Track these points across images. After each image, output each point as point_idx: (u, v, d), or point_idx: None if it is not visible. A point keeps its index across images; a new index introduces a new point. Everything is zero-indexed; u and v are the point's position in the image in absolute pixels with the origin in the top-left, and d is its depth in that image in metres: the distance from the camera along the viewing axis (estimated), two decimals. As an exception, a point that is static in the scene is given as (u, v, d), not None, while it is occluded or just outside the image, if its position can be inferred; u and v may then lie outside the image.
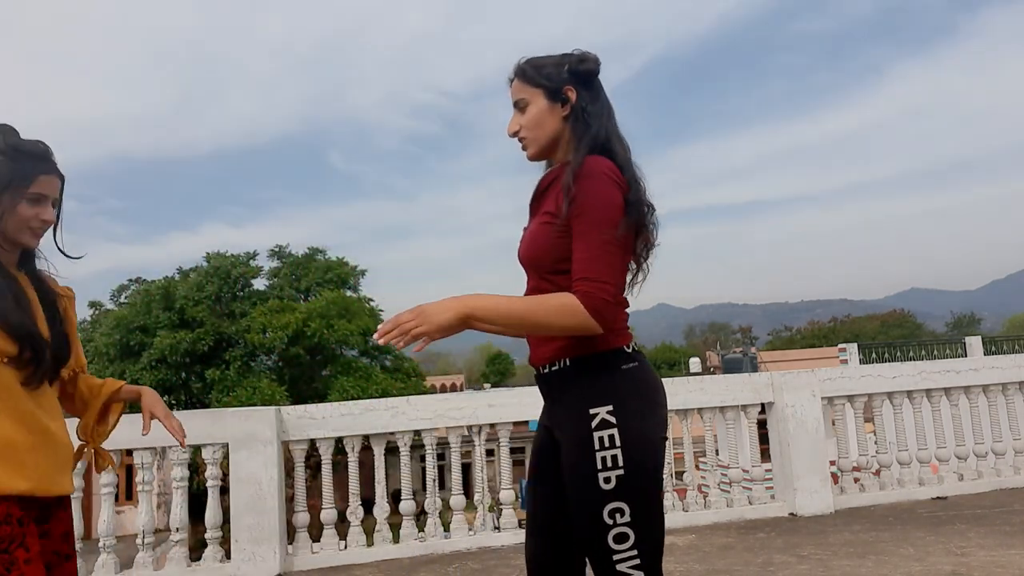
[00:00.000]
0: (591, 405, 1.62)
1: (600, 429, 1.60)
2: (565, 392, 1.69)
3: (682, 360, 48.78)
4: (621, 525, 1.58)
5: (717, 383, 5.17)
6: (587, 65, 1.75)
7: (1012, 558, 3.53)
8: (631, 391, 1.65)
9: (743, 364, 27.44)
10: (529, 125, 1.76)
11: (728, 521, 4.83)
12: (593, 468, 1.59)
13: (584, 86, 1.74)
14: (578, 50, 1.78)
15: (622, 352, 1.68)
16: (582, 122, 1.72)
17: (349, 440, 4.51)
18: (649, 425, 1.64)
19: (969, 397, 5.47)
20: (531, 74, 1.75)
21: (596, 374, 1.65)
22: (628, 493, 1.59)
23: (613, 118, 1.76)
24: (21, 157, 1.71)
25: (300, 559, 4.34)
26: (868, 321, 66.81)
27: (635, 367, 1.68)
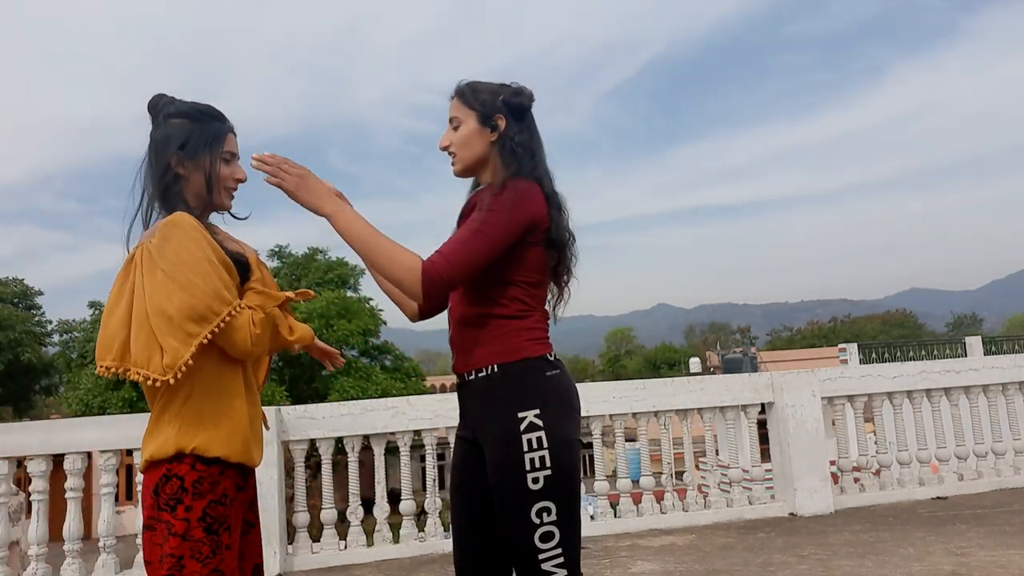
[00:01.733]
0: (519, 409, 1.69)
1: (528, 432, 1.67)
2: (492, 397, 1.74)
3: (682, 360, 48.77)
4: (547, 524, 1.64)
5: (717, 383, 5.17)
6: (520, 99, 1.84)
7: (1012, 558, 3.53)
8: (554, 396, 1.73)
9: (743, 364, 27.44)
10: (458, 143, 1.84)
11: (728, 521, 4.83)
12: (522, 469, 1.65)
13: (515, 117, 1.83)
14: (516, 83, 1.87)
15: (545, 360, 1.76)
16: (508, 150, 1.81)
17: (349, 440, 4.51)
18: (570, 427, 1.73)
19: (969, 397, 5.47)
20: (468, 96, 1.84)
21: (523, 380, 1.72)
22: (555, 493, 1.66)
23: (541, 152, 1.86)
24: (206, 118, 1.72)
25: (300, 559, 4.34)
26: (868, 321, 66.82)
27: (557, 374, 1.76)
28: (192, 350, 1.52)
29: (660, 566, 3.84)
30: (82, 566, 4.10)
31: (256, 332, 1.58)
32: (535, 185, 1.77)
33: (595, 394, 4.89)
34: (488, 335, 1.76)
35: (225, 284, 1.57)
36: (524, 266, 1.75)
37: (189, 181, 1.70)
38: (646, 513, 4.84)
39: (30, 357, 27.62)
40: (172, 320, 1.52)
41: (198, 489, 1.53)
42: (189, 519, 1.51)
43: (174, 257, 1.55)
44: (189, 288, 1.53)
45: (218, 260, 1.60)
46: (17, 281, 30.79)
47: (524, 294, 1.76)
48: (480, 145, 1.83)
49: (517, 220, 1.70)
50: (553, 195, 1.81)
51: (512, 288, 1.76)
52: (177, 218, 1.60)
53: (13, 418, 28.09)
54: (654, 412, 4.96)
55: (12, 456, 4.13)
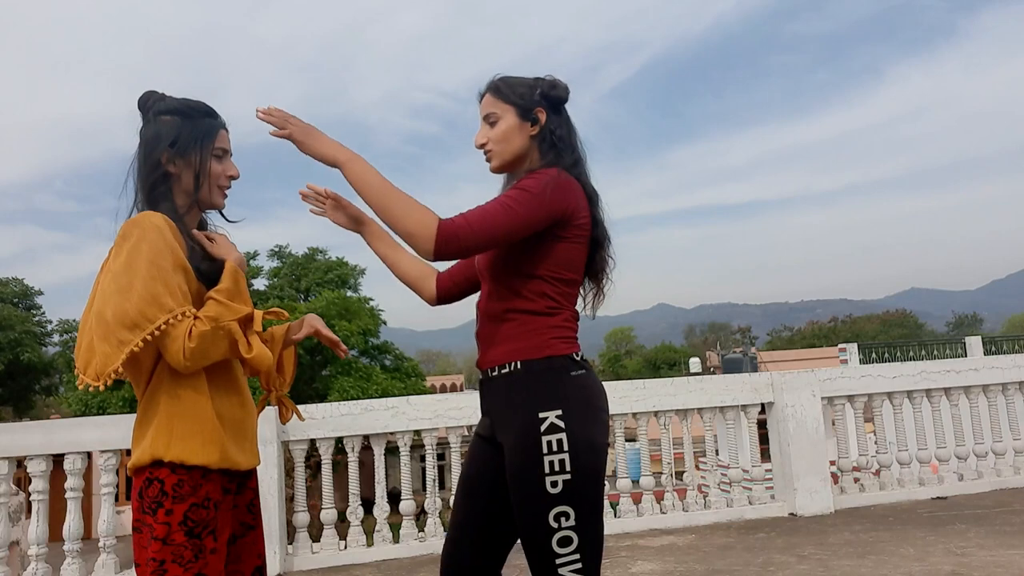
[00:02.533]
0: (540, 409, 1.65)
1: (549, 433, 1.63)
2: (514, 395, 1.70)
3: (682, 360, 48.78)
4: (566, 529, 1.61)
5: (717, 383, 5.17)
6: (558, 91, 1.81)
7: (1012, 558, 3.53)
8: (579, 397, 1.68)
9: (743, 364, 27.43)
10: (497, 139, 1.80)
11: (728, 521, 4.83)
12: (540, 471, 1.62)
13: (554, 111, 1.81)
14: (551, 76, 1.83)
15: (571, 359, 1.71)
16: (548, 143, 1.78)
17: (349, 440, 4.51)
18: (595, 431, 1.68)
19: (969, 397, 5.47)
20: (504, 91, 1.80)
21: (546, 379, 1.68)
22: (574, 497, 1.61)
23: (581, 147, 1.84)
24: (197, 114, 1.68)
25: (300, 559, 4.34)
26: (868, 321, 66.83)
27: (583, 374, 1.72)
28: (123, 357, 1.47)
29: (660, 566, 3.84)
30: (82, 566, 4.10)
31: (191, 346, 1.48)
32: (574, 180, 1.74)
33: (595, 394, 4.88)
34: (513, 331, 1.72)
35: (169, 290, 1.49)
36: (555, 261, 1.71)
37: (179, 179, 1.66)
38: (646, 513, 4.84)
39: (30, 357, 27.63)
40: (107, 325, 1.48)
41: (178, 493, 1.50)
42: (170, 523, 1.49)
43: (124, 258, 1.50)
44: (126, 292, 1.47)
45: (175, 264, 1.53)
46: (17, 281, 30.81)
47: (554, 291, 1.72)
48: (520, 140, 1.79)
49: (550, 206, 1.66)
50: (594, 193, 1.78)
51: (541, 283, 1.71)
52: (140, 218, 1.55)
53: (13, 418, 28.10)
54: (654, 412, 4.96)
55: (12, 456, 4.13)
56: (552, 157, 1.76)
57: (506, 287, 1.73)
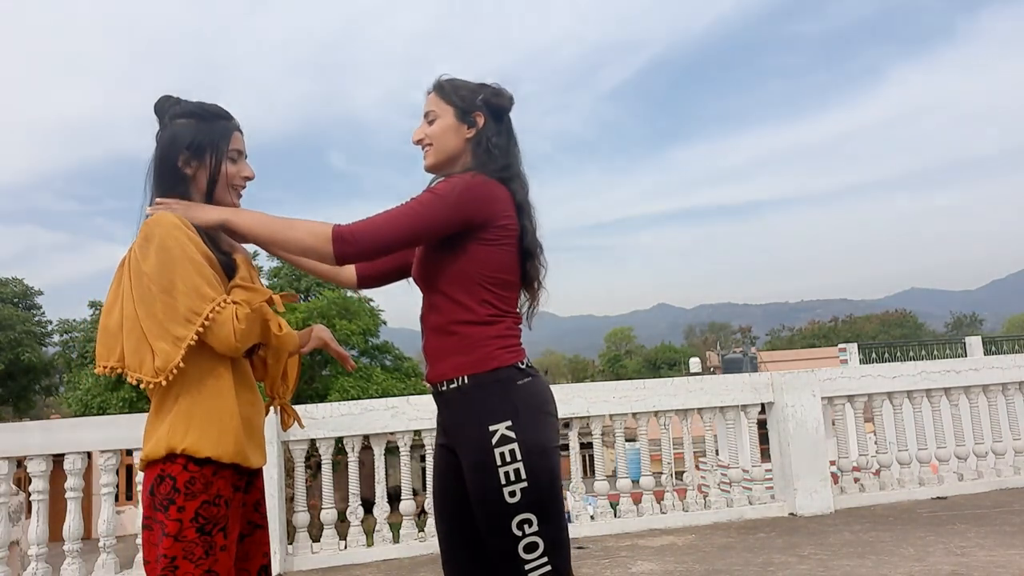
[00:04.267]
0: (490, 422, 1.68)
1: (500, 445, 1.66)
2: (465, 410, 1.73)
3: (682, 360, 48.80)
4: (530, 535, 1.64)
5: (717, 383, 5.17)
6: (500, 100, 1.83)
7: (1012, 558, 3.53)
8: (526, 404, 1.71)
9: (743, 364, 27.43)
10: (434, 136, 1.83)
11: (728, 521, 4.83)
12: (497, 483, 1.65)
13: (494, 117, 1.83)
14: (497, 84, 1.86)
15: (517, 369, 1.73)
16: (483, 148, 1.80)
17: (349, 440, 4.51)
18: (544, 435, 1.71)
19: (969, 397, 5.47)
20: (447, 91, 1.83)
21: (493, 391, 1.70)
22: (533, 504, 1.65)
23: (518, 156, 1.85)
24: (212, 117, 1.71)
25: (300, 559, 4.34)
26: (868, 321, 66.84)
27: (529, 382, 1.74)
28: (182, 352, 1.52)
29: (660, 566, 3.84)
30: (82, 566, 4.10)
31: (241, 327, 1.55)
32: (497, 186, 1.75)
33: (595, 394, 4.89)
34: (458, 345, 1.73)
35: (207, 280, 1.56)
36: (487, 266, 1.72)
37: (195, 180, 1.69)
38: (646, 513, 4.84)
39: (30, 357, 27.64)
40: (160, 323, 1.53)
41: (190, 490, 1.52)
42: (182, 519, 1.50)
43: (155, 258, 1.55)
44: (170, 290, 1.53)
45: (201, 256, 1.58)
46: (17, 281, 30.80)
47: (493, 297, 1.73)
48: (456, 140, 1.81)
49: (460, 210, 1.68)
50: (525, 203, 1.79)
51: (479, 290, 1.72)
52: (159, 217, 1.59)
53: (13, 418, 28.09)
54: (654, 412, 4.96)
55: (12, 456, 4.13)
56: (482, 161, 1.78)
57: (444, 297, 1.75)
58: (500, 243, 1.73)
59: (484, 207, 1.70)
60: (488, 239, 1.72)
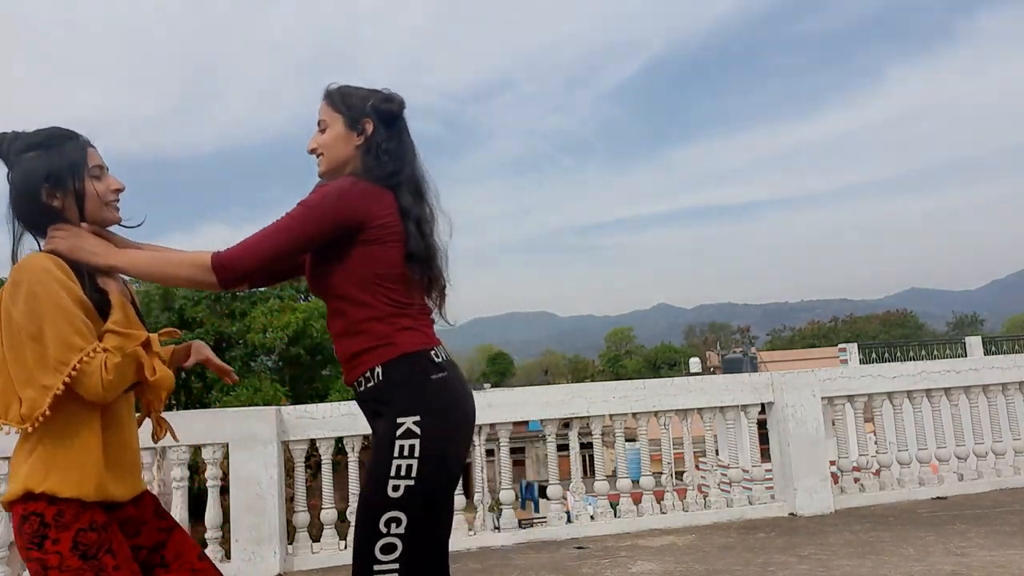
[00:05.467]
0: (400, 414, 1.67)
1: (403, 438, 1.64)
2: (379, 405, 1.72)
3: (682, 360, 48.81)
4: (393, 536, 1.60)
5: (717, 383, 5.17)
6: (389, 105, 1.83)
7: (1012, 558, 3.53)
8: (439, 404, 1.69)
9: (743, 364, 27.43)
10: (324, 145, 1.84)
11: (728, 521, 4.83)
12: (386, 473, 1.63)
13: (384, 124, 1.82)
14: (387, 90, 1.86)
15: (429, 360, 1.72)
16: (373, 155, 1.79)
17: (349, 440, 4.51)
18: (450, 443, 1.69)
19: (969, 397, 5.47)
20: (336, 100, 1.84)
21: (407, 384, 1.69)
22: (410, 505, 1.62)
23: (410, 161, 1.84)
24: (59, 141, 1.67)
25: (300, 559, 4.34)
26: (868, 321, 66.87)
27: (444, 378, 1.72)
28: (49, 400, 1.49)
29: (660, 566, 3.84)
30: (82, 566, 4.10)
31: (109, 378, 1.52)
32: (375, 189, 1.74)
33: (595, 394, 4.89)
34: (365, 341, 1.73)
35: (76, 329, 1.52)
36: (380, 263, 1.72)
37: (65, 210, 1.65)
38: (646, 513, 4.84)
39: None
40: (28, 370, 1.50)
41: (60, 521, 1.50)
42: (61, 551, 1.47)
43: (23, 305, 1.52)
44: (39, 338, 1.50)
45: (73, 300, 1.54)
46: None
47: (391, 292, 1.73)
48: (346, 148, 1.82)
49: (334, 216, 1.68)
50: (413, 208, 1.77)
51: (376, 288, 1.72)
52: (26, 261, 1.57)
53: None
54: (654, 412, 4.96)
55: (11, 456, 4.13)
56: (370, 167, 1.78)
57: (343, 300, 1.75)
58: (384, 241, 1.72)
59: (357, 210, 1.70)
60: (370, 239, 1.71)
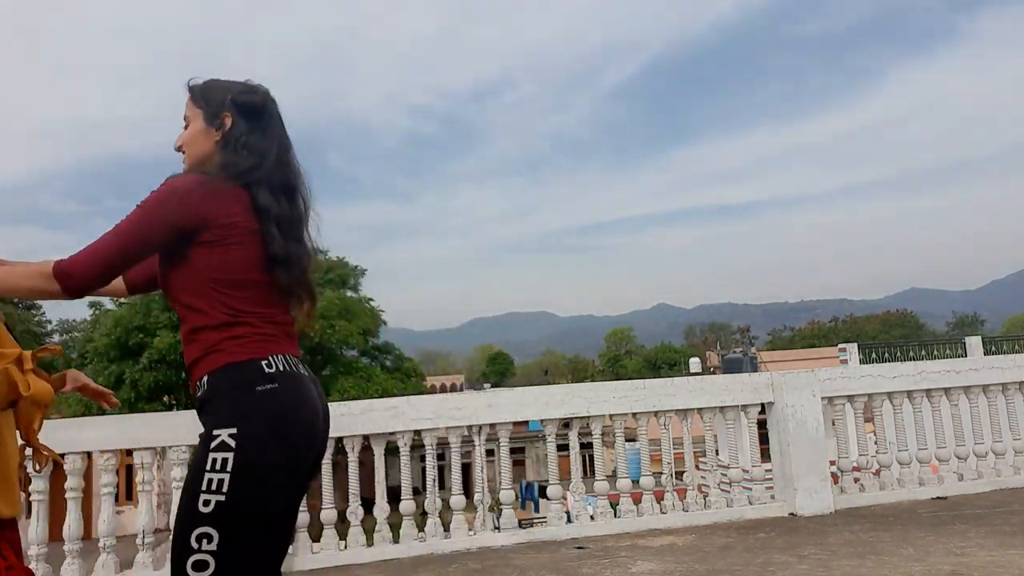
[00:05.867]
0: (216, 426, 1.60)
1: (217, 451, 1.58)
2: (202, 415, 1.67)
3: (682, 360, 48.79)
4: (204, 552, 1.54)
5: (717, 383, 5.17)
6: (250, 97, 1.79)
7: (1012, 558, 3.53)
8: (260, 417, 1.61)
9: (743, 364, 27.43)
10: (186, 141, 1.80)
11: (728, 521, 4.83)
12: (198, 488, 1.57)
13: (245, 117, 1.77)
14: (250, 82, 1.82)
15: (257, 370, 1.64)
16: (231, 150, 1.75)
17: (349, 440, 4.51)
18: (271, 457, 1.61)
19: (969, 397, 5.47)
20: (197, 95, 1.80)
21: (228, 395, 1.63)
22: (222, 522, 1.56)
23: (276, 156, 1.78)
24: None
25: (300, 559, 4.34)
26: (868, 321, 66.86)
27: (273, 389, 1.64)
28: None
29: (660, 566, 3.84)
30: (82, 566, 4.10)
31: None
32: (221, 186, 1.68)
33: (595, 394, 4.89)
34: (198, 350, 1.67)
35: None
36: (219, 268, 1.66)
37: None
38: (646, 513, 4.84)
39: (30, 357, 27.66)
40: None
41: None
42: None
43: None
44: None
45: None
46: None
47: (229, 299, 1.66)
48: (206, 144, 1.78)
49: (172, 217, 1.63)
50: (272, 206, 1.71)
51: (212, 293, 1.66)
52: None
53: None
54: (654, 412, 4.96)
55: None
56: (228, 163, 1.73)
57: (182, 306, 1.70)
58: (227, 243, 1.66)
59: (195, 211, 1.64)
60: (210, 240, 1.65)
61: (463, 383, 44.21)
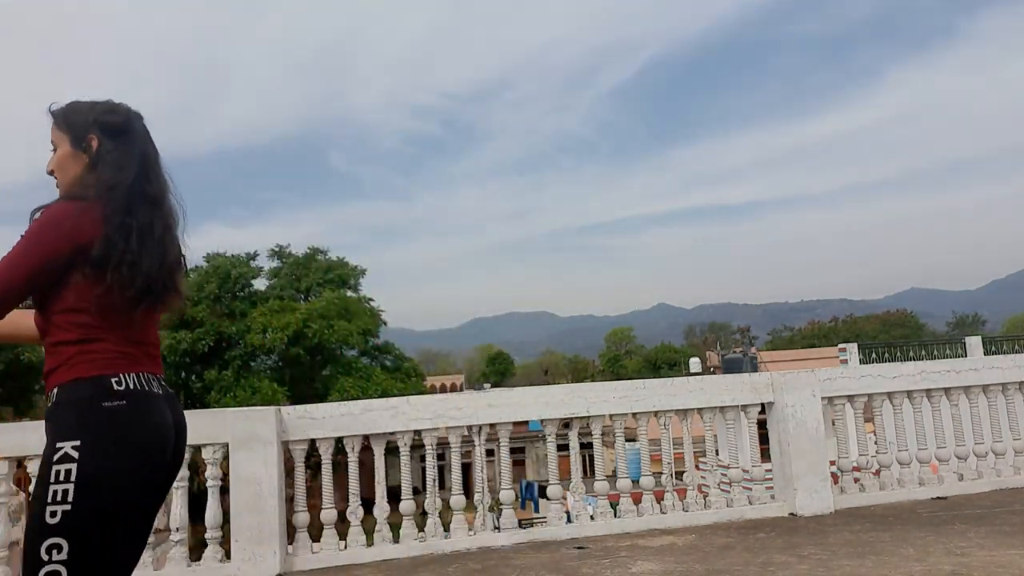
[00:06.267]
0: (59, 439, 1.62)
1: (60, 463, 1.60)
2: (48, 426, 1.68)
3: (682, 360, 48.78)
4: (56, 563, 1.56)
5: (717, 383, 5.17)
6: (112, 116, 1.79)
7: (1012, 558, 3.53)
8: (104, 429, 1.64)
9: (743, 364, 27.44)
10: (56, 167, 1.81)
11: (728, 521, 4.83)
12: (44, 499, 1.58)
13: (110, 136, 1.78)
14: (111, 101, 1.82)
15: (106, 386, 1.66)
16: (97, 171, 1.75)
17: (349, 440, 4.51)
18: (116, 467, 1.62)
19: (969, 397, 5.47)
20: (60, 120, 1.80)
21: (73, 409, 1.65)
22: (70, 531, 1.57)
23: (137, 170, 1.78)
24: None
25: (300, 559, 4.34)
26: (868, 321, 66.86)
27: (120, 406, 1.66)
28: None
29: (660, 566, 3.84)
30: (82, 566, 4.10)
31: None
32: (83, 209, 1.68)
33: (595, 394, 4.89)
34: (51, 361, 1.70)
35: None
36: (78, 291, 1.68)
37: None
38: (646, 513, 4.84)
39: (30, 357, 27.62)
40: None
41: None
42: None
43: None
44: None
45: None
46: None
47: (90, 319, 1.68)
48: (75, 167, 1.78)
49: (42, 248, 1.64)
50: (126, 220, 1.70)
51: (76, 315, 1.69)
52: None
53: (13, 418, 28.07)
54: (654, 412, 4.96)
55: (12, 456, 4.13)
56: (90, 183, 1.74)
57: (47, 322, 1.72)
58: (84, 263, 1.67)
59: (73, 237, 1.65)
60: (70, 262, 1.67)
61: (463, 383, 44.21)
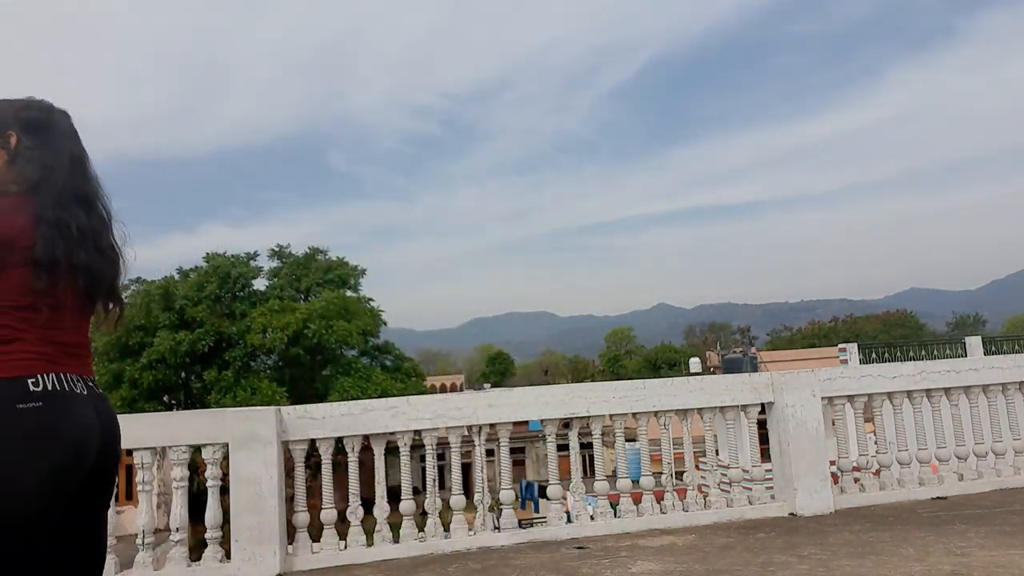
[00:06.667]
0: None
1: None
2: None
3: (682, 360, 48.80)
4: None
5: (717, 383, 5.17)
6: (30, 112, 1.80)
7: (1012, 558, 3.53)
8: (18, 432, 1.60)
9: (743, 364, 27.44)
10: None
11: (728, 521, 4.83)
12: None
13: (30, 133, 1.78)
14: (28, 98, 1.83)
15: (22, 387, 1.63)
16: (19, 167, 1.75)
17: (349, 440, 4.51)
18: (23, 472, 1.58)
19: (969, 397, 5.47)
20: None
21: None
22: None
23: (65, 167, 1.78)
24: None
25: (300, 559, 4.34)
26: (868, 321, 66.87)
27: (36, 407, 1.64)
28: None
29: (660, 566, 3.84)
30: (82, 566, 4.09)
31: None
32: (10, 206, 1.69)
33: (595, 394, 4.89)
34: None
35: None
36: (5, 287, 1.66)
37: None
38: (646, 513, 4.84)
39: None
40: None
41: None
42: None
43: None
44: None
45: None
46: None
47: (8, 316, 1.66)
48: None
49: None
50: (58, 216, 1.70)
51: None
52: None
53: None
54: (654, 412, 4.96)
55: None
56: (11, 180, 1.74)
57: None
58: (9, 262, 1.66)
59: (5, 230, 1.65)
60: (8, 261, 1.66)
61: (463, 383, 44.22)
